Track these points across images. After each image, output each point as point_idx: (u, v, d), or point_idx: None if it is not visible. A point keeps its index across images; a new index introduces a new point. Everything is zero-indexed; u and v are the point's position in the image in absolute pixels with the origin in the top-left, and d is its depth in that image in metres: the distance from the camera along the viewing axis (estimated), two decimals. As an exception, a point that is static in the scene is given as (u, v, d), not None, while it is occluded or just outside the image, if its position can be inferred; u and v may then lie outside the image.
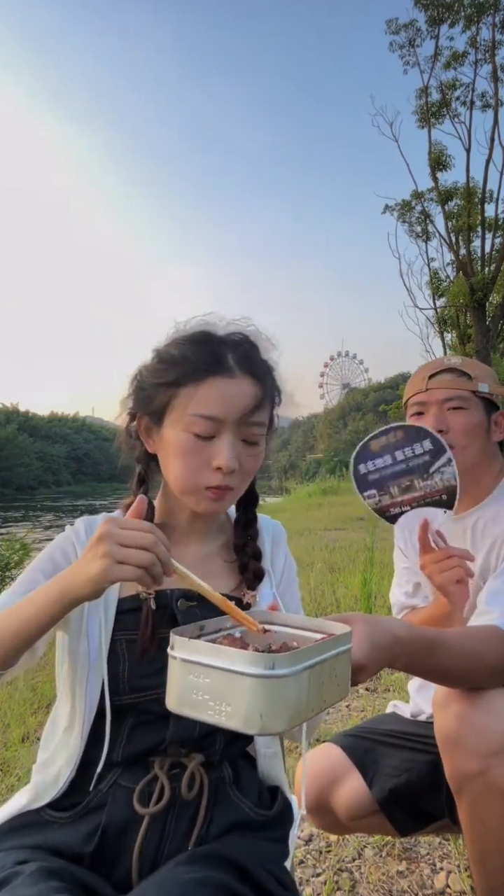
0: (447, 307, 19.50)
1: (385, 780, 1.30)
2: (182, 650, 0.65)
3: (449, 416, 1.32)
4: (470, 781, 1.00)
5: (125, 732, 0.86)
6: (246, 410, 0.88)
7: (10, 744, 2.42)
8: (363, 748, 1.37)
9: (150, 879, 0.74)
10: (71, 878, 0.74)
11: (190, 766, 0.85)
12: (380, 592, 4.55)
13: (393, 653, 0.86)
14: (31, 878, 0.70)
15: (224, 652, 0.61)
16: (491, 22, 18.01)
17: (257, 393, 0.89)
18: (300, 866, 1.65)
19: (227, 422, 0.87)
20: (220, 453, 0.86)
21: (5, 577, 4.84)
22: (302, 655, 0.62)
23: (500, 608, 1.07)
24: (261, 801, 0.92)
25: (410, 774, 1.28)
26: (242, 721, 0.59)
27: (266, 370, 0.93)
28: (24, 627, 0.78)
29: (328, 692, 0.66)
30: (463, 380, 1.34)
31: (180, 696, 0.64)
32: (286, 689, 0.59)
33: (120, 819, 0.81)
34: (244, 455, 0.89)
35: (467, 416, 1.31)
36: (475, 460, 1.32)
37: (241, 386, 0.88)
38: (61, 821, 0.83)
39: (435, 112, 19.38)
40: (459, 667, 0.98)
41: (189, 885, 0.69)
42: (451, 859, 1.67)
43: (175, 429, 0.88)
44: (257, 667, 0.58)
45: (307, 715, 0.62)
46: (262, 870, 0.78)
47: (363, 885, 1.58)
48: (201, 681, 0.62)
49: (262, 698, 0.58)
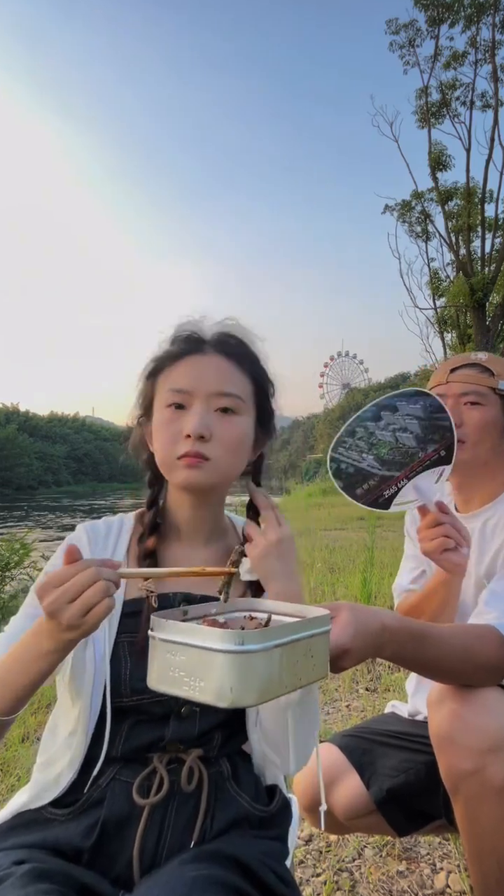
0: (447, 307, 19.50)
1: (383, 780, 1.30)
2: (161, 631, 0.68)
3: (464, 410, 1.31)
4: (465, 780, 1.00)
5: (125, 730, 0.87)
6: (215, 382, 0.91)
7: (10, 744, 2.42)
8: (361, 749, 1.38)
9: (155, 878, 0.74)
10: (66, 879, 0.74)
11: (188, 760, 0.85)
12: (380, 592, 4.55)
13: (380, 641, 0.87)
14: (20, 880, 0.70)
15: (198, 631, 0.65)
16: (491, 22, 18.00)
17: (229, 367, 0.93)
18: (300, 866, 1.65)
19: (196, 392, 0.90)
20: (189, 420, 0.89)
21: (5, 577, 4.83)
22: (273, 633, 0.65)
23: (498, 610, 1.07)
24: (258, 797, 0.92)
25: (408, 775, 1.28)
26: (214, 695, 0.61)
27: (243, 352, 0.96)
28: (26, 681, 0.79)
29: (304, 671, 0.68)
30: (484, 375, 1.32)
31: (159, 674, 0.68)
32: (256, 664, 0.61)
33: (119, 812, 0.82)
34: (218, 424, 0.90)
35: (483, 412, 1.30)
36: (486, 458, 1.31)
37: (212, 360, 0.93)
38: (61, 818, 0.84)
39: (435, 112, 19.37)
40: (450, 661, 0.98)
41: (195, 883, 0.70)
42: (451, 859, 1.67)
43: (157, 412, 0.94)
44: (228, 643, 0.61)
45: (280, 690, 0.65)
46: (264, 867, 0.79)
47: (363, 885, 1.58)
48: (178, 658, 0.65)
49: (233, 673, 0.61)
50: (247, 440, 0.95)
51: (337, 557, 6.70)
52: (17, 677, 0.79)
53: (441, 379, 1.36)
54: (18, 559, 4.91)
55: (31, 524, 20.63)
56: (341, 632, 0.81)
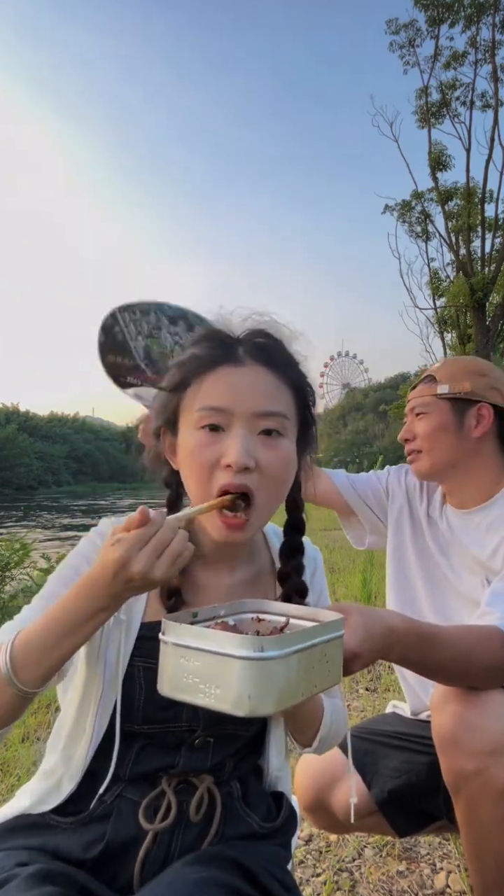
0: (447, 307, 19.51)
1: (384, 781, 1.30)
2: (172, 634, 0.65)
3: (415, 423, 1.40)
4: (467, 781, 1.00)
5: (133, 754, 0.84)
6: (257, 400, 0.78)
7: (10, 744, 2.42)
8: (362, 749, 1.37)
9: (157, 879, 0.73)
10: (70, 882, 0.73)
11: (200, 788, 0.83)
12: (380, 592, 4.55)
13: (388, 643, 0.86)
14: (26, 882, 0.69)
15: (213, 635, 0.62)
16: (491, 22, 18.03)
17: (272, 381, 0.80)
18: (300, 866, 1.65)
19: (237, 413, 0.77)
20: (230, 448, 0.76)
21: (5, 577, 4.83)
22: (291, 639, 0.63)
23: (501, 610, 1.07)
24: (268, 815, 0.91)
25: (410, 776, 1.28)
26: (232, 703, 0.59)
27: (284, 359, 0.83)
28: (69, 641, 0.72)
29: (319, 677, 0.66)
30: (428, 385, 1.39)
31: (172, 680, 0.65)
32: (274, 671, 0.59)
33: (125, 833, 0.79)
34: (262, 451, 0.78)
35: (427, 421, 1.37)
36: (448, 458, 1.35)
37: (252, 373, 0.79)
38: (64, 826, 0.82)
39: (435, 112, 19.39)
40: (455, 663, 0.98)
41: (196, 885, 0.69)
42: (451, 859, 1.67)
43: (187, 431, 0.81)
44: (246, 649, 0.59)
45: (297, 698, 0.63)
46: (266, 873, 0.78)
47: (363, 885, 1.58)
48: (191, 664, 0.63)
49: (251, 680, 0.58)
50: (293, 465, 0.83)
51: (337, 557, 6.69)
52: (61, 641, 0.71)
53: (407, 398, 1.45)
54: (18, 559, 4.91)
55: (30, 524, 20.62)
56: (351, 636, 0.78)
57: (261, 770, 0.95)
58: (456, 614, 1.34)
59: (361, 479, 1.61)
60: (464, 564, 1.35)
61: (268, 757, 0.93)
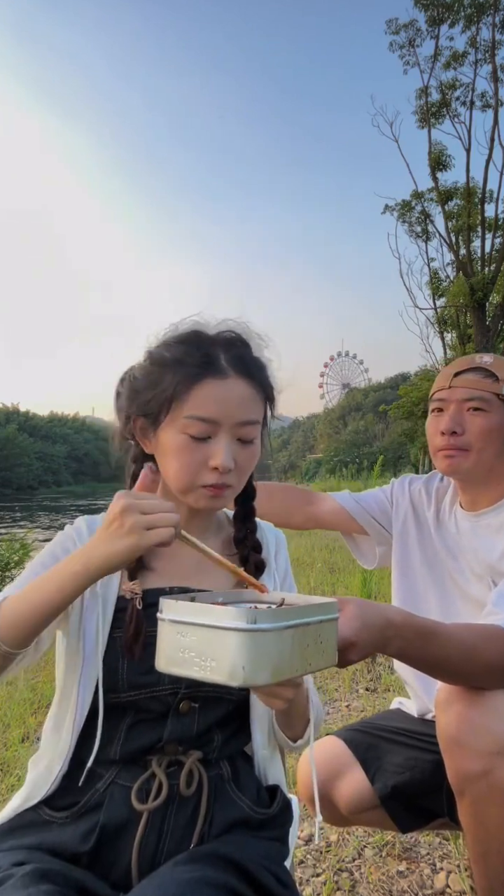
0: (447, 307, 19.52)
1: (388, 776, 1.30)
2: (170, 612, 0.68)
3: (468, 417, 1.28)
4: (472, 782, 1.00)
5: (123, 731, 0.87)
6: (240, 411, 0.89)
7: (10, 744, 2.42)
8: (366, 743, 1.37)
9: (149, 879, 0.74)
10: (66, 881, 0.74)
11: (188, 763, 0.85)
12: (380, 592, 4.55)
13: (386, 636, 0.87)
14: (22, 881, 0.70)
15: (209, 610, 0.64)
16: (491, 22, 18.03)
17: (251, 393, 0.90)
18: (300, 866, 1.65)
19: (223, 423, 0.88)
20: (217, 454, 0.87)
21: (5, 577, 4.83)
22: (285, 613, 0.65)
23: None
24: (259, 799, 0.92)
25: (413, 773, 1.28)
26: (227, 674, 0.61)
27: (258, 368, 0.94)
28: (47, 601, 0.78)
29: (314, 656, 0.68)
30: (488, 381, 1.28)
31: (169, 656, 0.67)
32: (268, 643, 0.61)
33: (118, 817, 0.82)
34: (240, 454, 0.90)
35: (486, 419, 1.26)
36: (490, 464, 1.29)
37: (235, 387, 0.89)
38: (60, 821, 0.83)
39: (435, 112, 19.39)
40: (455, 660, 0.97)
41: (189, 885, 0.69)
42: (451, 859, 1.67)
43: (171, 431, 0.89)
44: (241, 621, 0.61)
45: (290, 673, 0.65)
46: (262, 869, 0.78)
47: (363, 885, 1.58)
48: (188, 639, 0.65)
49: (245, 651, 0.60)
50: (258, 455, 0.95)
51: (337, 557, 6.70)
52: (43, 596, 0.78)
53: (444, 384, 1.33)
54: (18, 559, 4.92)
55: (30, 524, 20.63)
56: (347, 625, 0.81)
57: (250, 757, 0.97)
58: (463, 617, 1.33)
59: (365, 494, 1.59)
60: (472, 567, 1.34)
61: (254, 739, 0.95)
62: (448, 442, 1.28)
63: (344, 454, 59.73)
